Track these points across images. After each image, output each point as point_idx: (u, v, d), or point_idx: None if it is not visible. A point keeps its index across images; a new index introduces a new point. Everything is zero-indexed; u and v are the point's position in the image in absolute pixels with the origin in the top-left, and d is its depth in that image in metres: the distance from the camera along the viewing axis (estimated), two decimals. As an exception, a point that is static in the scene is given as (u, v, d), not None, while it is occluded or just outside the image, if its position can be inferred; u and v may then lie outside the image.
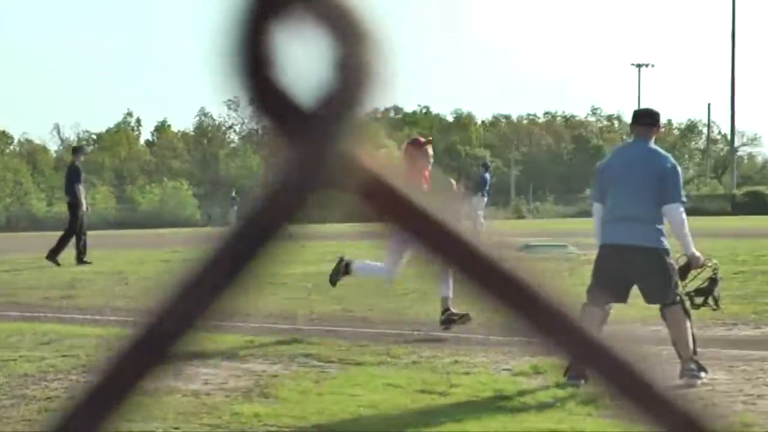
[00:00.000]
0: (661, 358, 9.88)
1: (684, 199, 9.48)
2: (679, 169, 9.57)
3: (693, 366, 9.12)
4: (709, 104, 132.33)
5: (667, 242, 9.35)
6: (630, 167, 9.43)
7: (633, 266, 9.25)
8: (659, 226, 9.30)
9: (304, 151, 0.73)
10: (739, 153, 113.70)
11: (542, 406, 8.15)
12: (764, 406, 8.23)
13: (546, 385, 8.89)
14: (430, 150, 12.92)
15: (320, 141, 0.73)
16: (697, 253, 9.50)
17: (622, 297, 9.43)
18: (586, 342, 0.91)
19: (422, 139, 13.42)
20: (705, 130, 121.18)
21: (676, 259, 9.46)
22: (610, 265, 9.38)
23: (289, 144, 0.73)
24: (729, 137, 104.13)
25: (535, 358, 9.61)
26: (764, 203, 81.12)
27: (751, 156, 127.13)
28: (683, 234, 9.35)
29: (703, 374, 9.16)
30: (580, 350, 0.91)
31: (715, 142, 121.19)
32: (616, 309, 9.57)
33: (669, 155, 9.78)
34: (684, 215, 9.35)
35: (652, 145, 9.61)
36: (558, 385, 8.61)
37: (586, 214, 16.21)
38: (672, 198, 9.29)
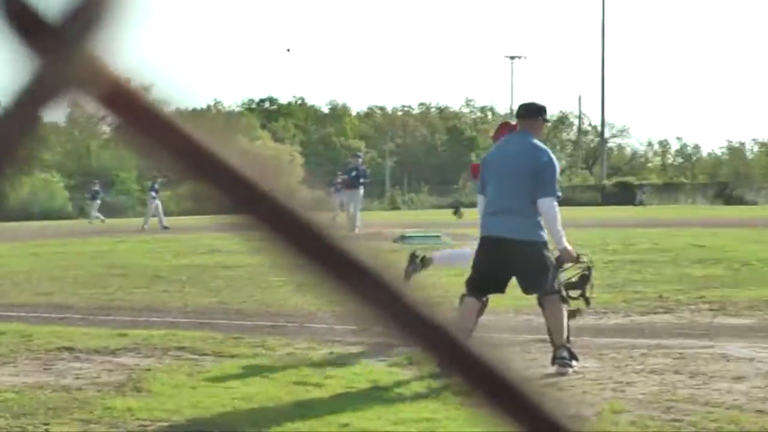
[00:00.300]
0: (531, 348, 10.02)
1: (558, 193, 9.58)
2: (556, 163, 9.66)
3: (565, 354, 9.25)
4: (580, 96, 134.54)
5: (545, 235, 9.45)
6: (510, 160, 9.52)
7: (511, 259, 9.34)
8: (537, 219, 9.39)
9: (49, 64, 0.74)
10: (609, 144, 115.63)
11: (417, 396, 8.19)
12: (633, 393, 8.38)
13: (421, 375, 8.93)
14: None
15: (66, 53, 0.74)
16: (570, 247, 9.62)
17: (500, 288, 9.53)
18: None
19: (513, 122, 12.66)
20: (576, 121, 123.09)
21: (552, 251, 9.57)
22: (488, 257, 9.46)
23: (35, 57, 0.74)
24: (599, 129, 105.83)
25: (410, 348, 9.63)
26: (633, 194, 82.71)
27: (620, 147, 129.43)
28: (556, 228, 9.46)
29: (574, 362, 9.29)
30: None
31: (586, 133, 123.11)
32: (492, 297, 9.66)
33: (548, 150, 9.88)
34: (557, 209, 9.45)
35: (534, 138, 9.70)
36: (432, 376, 8.66)
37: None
38: (546, 192, 9.38)
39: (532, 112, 9.82)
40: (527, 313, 11.71)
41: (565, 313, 9.44)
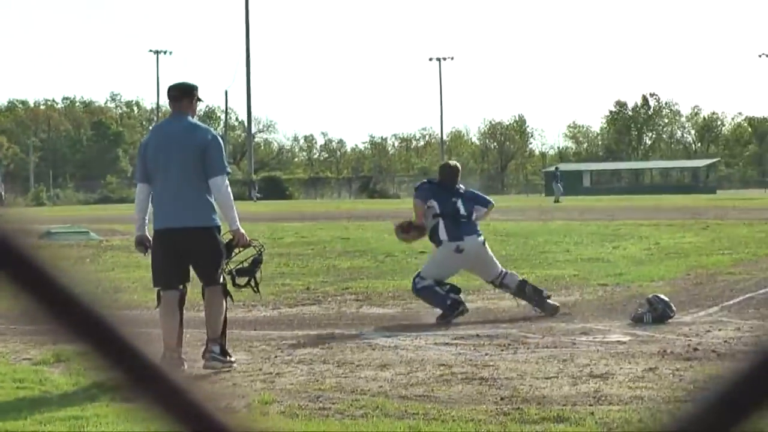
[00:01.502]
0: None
1: (229, 170, 9.53)
2: (220, 140, 9.59)
3: (217, 348, 9.21)
4: (226, 91, 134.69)
5: (218, 219, 9.35)
6: (173, 143, 9.32)
7: (188, 248, 9.17)
8: (210, 202, 9.26)
9: None
10: (256, 139, 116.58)
11: (64, 395, 8.03)
12: (282, 383, 8.50)
13: (69, 372, 8.76)
14: None
15: None
16: (242, 230, 9.56)
17: (186, 277, 9.34)
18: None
19: None
20: (223, 116, 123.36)
21: (223, 235, 9.48)
22: (167, 249, 9.22)
23: None
24: (246, 124, 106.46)
25: (58, 346, 9.44)
26: (281, 188, 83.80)
27: (267, 142, 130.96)
28: (229, 207, 9.34)
29: (225, 357, 9.29)
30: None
31: (234, 128, 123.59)
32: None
33: (210, 128, 9.82)
34: (229, 188, 9.37)
35: (192, 118, 9.59)
36: (80, 373, 8.50)
37: (107, 200, 16.09)
38: (216, 171, 9.27)
39: (186, 92, 9.66)
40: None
41: (225, 307, 9.40)
